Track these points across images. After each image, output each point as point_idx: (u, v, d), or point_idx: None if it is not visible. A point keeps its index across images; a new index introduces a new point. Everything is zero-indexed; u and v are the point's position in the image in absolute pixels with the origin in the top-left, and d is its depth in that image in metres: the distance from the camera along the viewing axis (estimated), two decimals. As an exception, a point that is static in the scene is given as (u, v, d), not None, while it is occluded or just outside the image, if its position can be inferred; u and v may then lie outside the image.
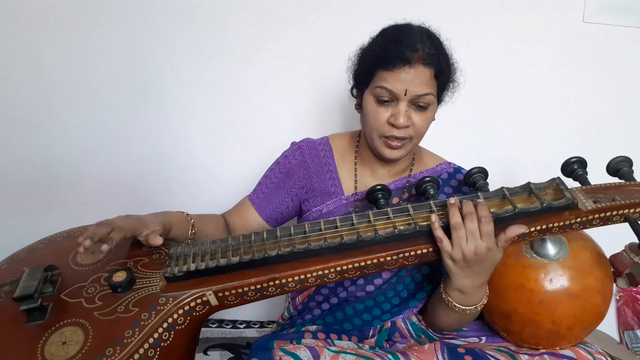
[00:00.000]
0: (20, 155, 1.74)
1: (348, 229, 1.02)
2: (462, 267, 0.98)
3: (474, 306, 1.06)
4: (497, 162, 1.75)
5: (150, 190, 1.79)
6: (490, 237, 0.95)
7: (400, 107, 1.11)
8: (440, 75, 1.12)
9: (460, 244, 0.95)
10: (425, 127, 1.16)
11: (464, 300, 1.05)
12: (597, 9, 1.74)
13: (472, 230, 0.94)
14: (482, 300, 1.06)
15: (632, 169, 1.06)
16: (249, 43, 1.70)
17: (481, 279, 1.01)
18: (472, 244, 0.94)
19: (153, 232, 1.04)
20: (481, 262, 0.97)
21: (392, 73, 1.08)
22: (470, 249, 0.94)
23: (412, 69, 1.07)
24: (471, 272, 0.99)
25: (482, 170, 1.12)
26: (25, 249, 1.15)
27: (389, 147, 1.16)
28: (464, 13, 1.70)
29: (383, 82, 1.10)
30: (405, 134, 1.14)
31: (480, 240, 0.94)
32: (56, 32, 1.65)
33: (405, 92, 1.09)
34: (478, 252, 0.94)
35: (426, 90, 1.09)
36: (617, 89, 1.81)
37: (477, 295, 1.04)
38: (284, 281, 0.98)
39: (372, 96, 1.14)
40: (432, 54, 1.09)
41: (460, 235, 0.95)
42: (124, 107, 1.73)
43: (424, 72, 1.08)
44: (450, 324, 1.15)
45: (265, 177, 1.35)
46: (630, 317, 1.90)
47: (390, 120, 1.12)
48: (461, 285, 1.01)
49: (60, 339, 0.89)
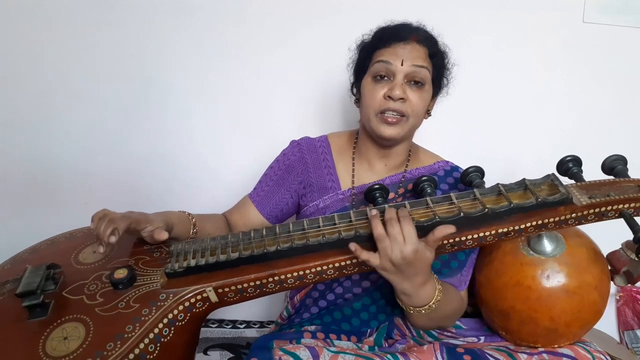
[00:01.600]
0: (20, 156, 1.74)
1: (346, 225, 1.03)
2: (395, 273, 0.98)
3: (426, 305, 1.04)
4: (496, 161, 1.75)
5: (151, 190, 1.79)
6: (412, 239, 0.94)
7: (397, 80, 1.16)
8: (434, 56, 1.19)
9: (387, 253, 0.95)
10: (421, 106, 1.19)
11: (412, 302, 1.04)
12: (597, 9, 1.74)
13: (394, 235, 0.94)
14: (434, 299, 1.04)
15: (627, 167, 1.06)
16: (249, 43, 1.71)
17: (419, 279, 1.00)
18: (397, 251, 0.94)
19: (158, 227, 1.06)
20: (412, 265, 0.96)
21: (389, 49, 1.17)
22: (397, 255, 0.94)
23: (407, 45, 1.16)
24: (405, 275, 0.98)
25: (479, 169, 1.12)
26: (29, 249, 1.17)
27: (385, 122, 1.17)
28: (464, 13, 1.71)
29: (381, 56, 1.17)
30: (401, 107, 1.16)
31: (405, 244, 0.94)
32: (56, 32, 1.66)
33: (402, 63, 1.15)
34: (405, 256, 0.94)
35: (422, 63, 1.16)
36: (617, 88, 1.81)
37: (423, 294, 1.03)
38: (283, 277, 0.99)
39: (370, 77, 1.20)
40: (426, 37, 1.19)
41: (385, 246, 0.94)
42: (124, 107, 1.74)
43: (419, 49, 1.17)
44: (423, 324, 1.14)
45: (265, 175, 1.37)
46: (630, 317, 1.90)
47: (387, 93, 1.16)
48: (402, 289, 1.01)
49: (61, 334, 0.90)
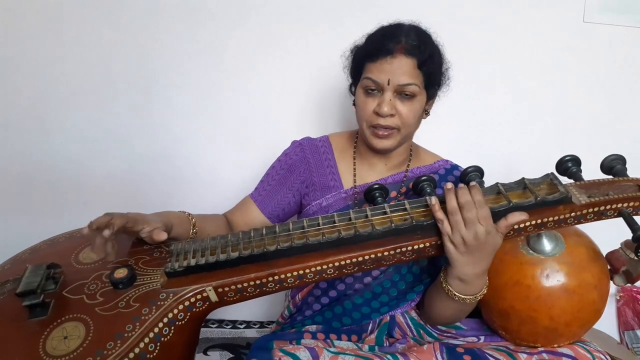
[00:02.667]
0: (20, 156, 1.75)
1: (346, 224, 1.03)
2: (462, 253, 0.99)
3: (473, 295, 1.06)
4: (496, 161, 1.76)
5: (151, 190, 1.79)
6: (488, 220, 0.96)
7: (385, 96, 1.16)
8: (423, 65, 1.16)
9: (459, 228, 0.96)
10: (412, 117, 1.19)
11: (464, 289, 1.05)
12: (597, 9, 1.73)
13: (471, 218, 0.95)
14: (482, 290, 1.07)
15: (626, 167, 1.06)
16: (250, 43, 1.71)
17: (482, 266, 1.02)
18: (471, 229, 0.96)
19: (156, 228, 1.06)
20: (482, 248, 0.98)
21: (376, 64, 1.15)
22: (470, 234, 0.96)
23: (394, 60, 1.14)
24: (472, 258, 0.99)
25: (478, 168, 1.13)
26: (29, 249, 1.16)
27: (376, 136, 1.20)
28: (464, 13, 1.71)
29: (369, 73, 1.17)
30: (391, 123, 1.18)
31: (479, 224, 0.95)
32: (56, 31, 1.66)
33: (388, 82, 1.14)
34: (478, 236, 0.96)
35: (409, 80, 1.15)
36: (616, 88, 1.81)
37: (478, 284, 1.05)
38: (283, 277, 0.99)
39: (361, 88, 1.21)
40: (414, 45, 1.14)
41: (457, 220, 0.96)
42: (124, 107, 1.74)
43: (407, 62, 1.14)
44: (447, 315, 1.16)
45: (266, 175, 1.38)
46: (630, 317, 1.90)
47: (376, 109, 1.17)
48: (462, 273, 1.02)
49: (61, 333, 0.90)
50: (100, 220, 0.99)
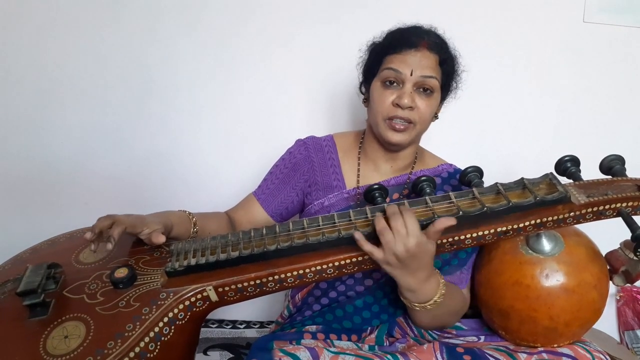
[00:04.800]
0: (20, 156, 1.75)
1: (346, 224, 1.03)
2: (399, 268, 0.98)
3: (430, 301, 1.05)
4: (496, 161, 1.75)
5: (152, 190, 1.79)
6: (415, 231, 0.95)
7: (406, 88, 1.16)
8: (444, 63, 1.19)
9: (390, 247, 0.95)
10: (429, 113, 1.20)
11: (417, 298, 1.04)
12: (597, 9, 1.73)
13: (398, 229, 0.95)
14: (438, 293, 1.05)
15: (625, 167, 1.06)
16: (254, 42, 1.71)
17: (423, 273, 1.01)
18: (400, 244, 0.94)
19: (155, 230, 1.06)
20: (416, 258, 0.97)
21: (399, 55, 1.17)
22: (400, 248, 0.95)
23: (418, 52, 1.16)
24: (409, 269, 0.99)
25: (477, 169, 1.13)
26: (29, 249, 1.17)
27: (392, 129, 1.19)
28: (464, 13, 1.71)
29: (390, 64, 1.17)
30: (409, 116, 1.17)
31: (408, 237, 0.94)
32: (57, 31, 1.66)
33: (411, 73, 1.15)
34: (409, 248, 0.95)
35: (431, 73, 1.16)
36: (616, 88, 1.81)
37: (428, 289, 1.03)
38: (283, 276, 0.99)
39: (379, 82, 1.21)
40: (437, 42, 1.18)
41: (388, 239, 0.95)
42: (125, 107, 1.74)
43: (430, 57, 1.17)
44: (427, 322, 1.15)
45: (270, 173, 1.38)
46: (630, 317, 1.90)
47: (395, 101, 1.17)
48: (407, 284, 1.02)
49: (62, 333, 0.90)
50: (103, 223, 1.00)
